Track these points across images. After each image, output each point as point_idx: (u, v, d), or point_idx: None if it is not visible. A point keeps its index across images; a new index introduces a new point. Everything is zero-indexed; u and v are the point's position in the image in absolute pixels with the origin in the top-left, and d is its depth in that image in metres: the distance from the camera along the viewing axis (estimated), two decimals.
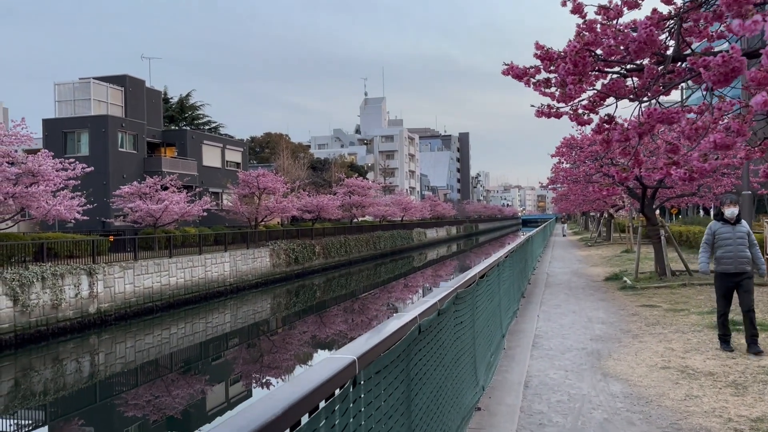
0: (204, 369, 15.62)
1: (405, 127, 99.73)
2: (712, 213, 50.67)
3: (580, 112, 3.25)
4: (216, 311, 23.40)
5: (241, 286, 27.52)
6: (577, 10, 3.46)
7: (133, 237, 22.82)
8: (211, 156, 39.11)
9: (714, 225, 7.13)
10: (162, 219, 26.30)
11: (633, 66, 3.33)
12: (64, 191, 20.02)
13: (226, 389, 13.68)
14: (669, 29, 3.49)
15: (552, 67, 3.33)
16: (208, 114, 60.28)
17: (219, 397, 12.99)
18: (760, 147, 3.35)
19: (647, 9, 3.57)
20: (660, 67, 3.15)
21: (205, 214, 28.62)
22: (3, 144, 18.04)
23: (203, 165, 37.81)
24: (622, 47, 3.17)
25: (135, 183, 27.14)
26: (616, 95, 3.51)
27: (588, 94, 3.41)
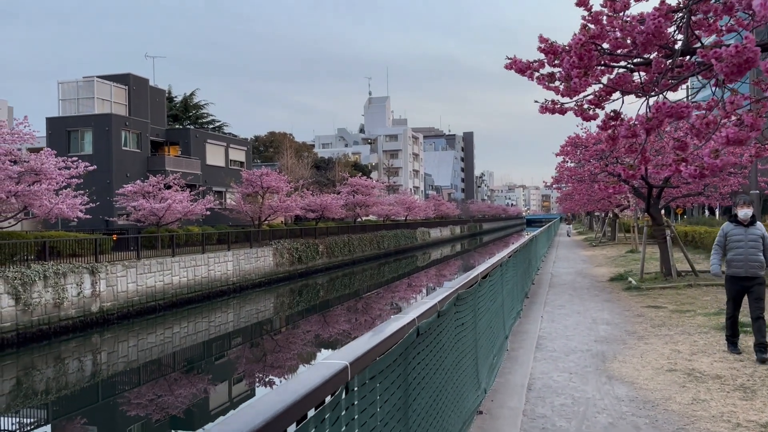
0: (206, 369, 15.56)
1: (409, 127, 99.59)
2: (717, 213, 50.30)
3: (585, 107, 3.14)
4: (219, 310, 23.35)
5: (244, 285, 27.46)
6: (583, 2, 3.35)
7: (136, 236, 22.79)
8: (215, 155, 39.08)
9: (726, 226, 6.87)
10: (165, 218, 26.26)
11: (640, 60, 3.22)
12: (66, 190, 19.99)
13: (226, 389, 13.61)
14: (677, 23, 3.38)
15: (556, 61, 3.22)
16: (212, 113, 60.35)
17: (220, 397, 12.92)
18: None
19: (655, 1, 3.45)
20: (668, 61, 3.03)
21: (209, 213, 28.56)
22: (5, 142, 18.01)
23: (207, 164, 37.78)
24: (628, 40, 3.06)
25: (138, 182, 27.11)
26: (622, 90, 3.40)
27: (594, 88, 3.30)
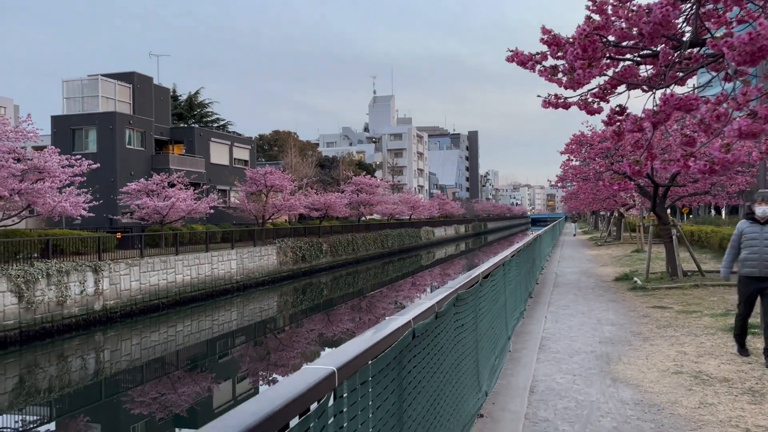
0: (208, 367, 15.51)
1: (414, 126, 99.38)
2: (724, 212, 49.94)
3: (589, 100, 3.02)
4: (222, 309, 23.31)
5: (248, 283, 27.41)
6: None
7: (140, 234, 22.76)
8: (219, 153, 39.05)
9: (742, 224, 6.54)
10: (169, 216, 26.26)
11: (647, 52, 3.10)
12: (70, 188, 19.98)
13: (226, 388, 13.56)
14: (686, 15, 3.26)
15: (559, 53, 3.10)
16: (216, 112, 60.43)
17: (220, 396, 12.87)
18: None
19: None
20: (676, 53, 2.91)
21: (212, 211, 28.53)
22: (9, 140, 18.00)
23: (211, 162, 37.75)
24: (635, 30, 2.93)
25: (142, 180, 27.11)
26: (628, 84, 3.28)
27: (598, 81, 3.18)
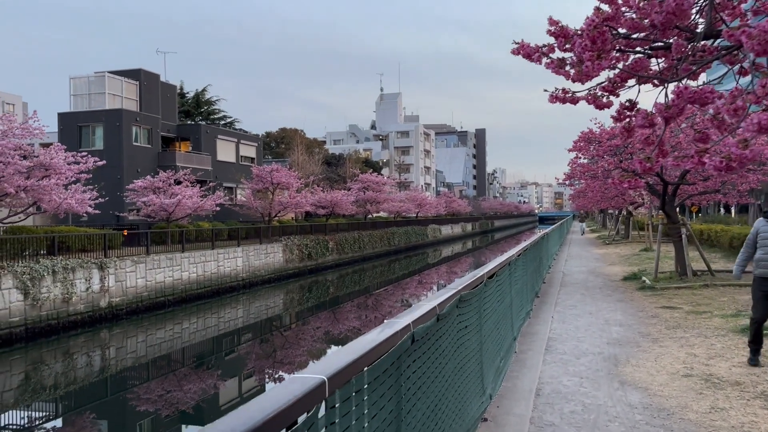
0: (214, 365, 15.48)
1: (421, 123, 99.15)
2: (733, 211, 49.47)
3: (598, 94, 2.89)
4: (228, 306, 23.29)
5: (254, 281, 27.38)
6: None
7: (146, 231, 22.76)
8: (226, 151, 39.05)
9: (758, 223, 6.35)
10: (175, 213, 26.26)
11: (659, 44, 2.96)
12: (76, 185, 19.99)
13: (233, 385, 13.51)
14: (699, 5, 3.12)
15: (567, 45, 2.98)
16: (223, 109, 60.57)
17: (228, 393, 12.84)
18: None
19: None
20: (690, 44, 2.78)
21: (219, 208, 28.52)
22: (15, 137, 18.02)
23: (217, 160, 37.76)
24: (646, 21, 2.80)
25: (148, 177, 27.12)
26: (638, 78, 3.15)
27: (608, 74, 3.05)
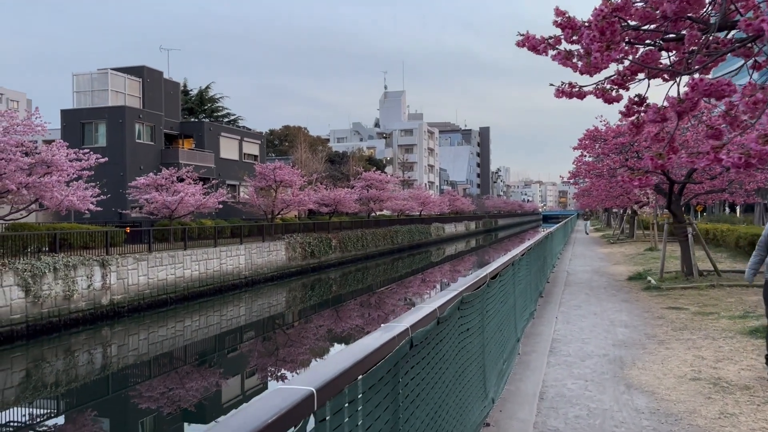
0: (216, 363, 15.41)
1: (425, 121, 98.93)
2: (738, 210, 49.09)
3: (607, 87, 2.76)
4: (230, 304, 23.23)
5: (256, 279, 27.31)
6: None
7: (148, 229, 22.70)
8: (229, 148, 38.97)
9: None
10: (178, 211, 26.19)
11: (671, 36, 2.83)
12: (78, 182, 19.92)
13: (235, 383, 13.44)
14: None
15: (574, 37, 2.84)
16: (227, 106, 60.43)
17: (230, 391, 12.78)
18: None
19: None
20: (704, 36, 2.64)
21: (221, 206, 28.44)
22: (17, 134, 17.95)
23: (220, 157, 37.68)
24: (657, 11, 2.67)
25: (151, 174, 27.04)
26: (648, 72, 3.02)
27: (616, 68, 2.92)
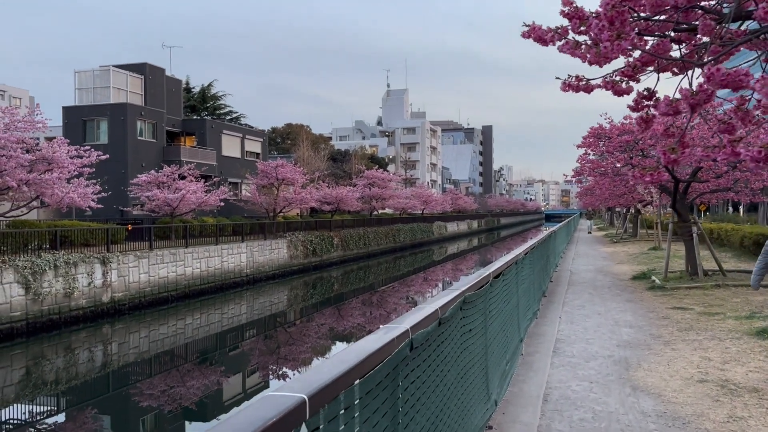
0: (216, 361, 15.33)
1: (427, 120, 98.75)
2: (741, 210, 48.78)
3: (617, 79, 2.65)
4: (231, 302, 23.16)
5: (258, 277, 27.23)
6: None
7: (149, 226, 22.63)
8: (231, 146, 38.88)
9: None
10: (179, 208, 26.10)
11: (684, 25, 2.72)
12: (79, 179, 19.84)
13: (234, 383, 13.36)
14: None
15: (582, 27, 2.73)
16: (229, 104, 60.36)
17: (228, 390, 12.71)
18: None
19: None
20: (718, 26, 2.53)
21: (223, 204, 28.35)
22: (18, 130, 17.88)
23: (222, 155, 37.59)
24: (669, 0, 2.56)
25: (153, 172, 26.96)
26: (658, 64, 2.91)
27: (625, 60, 2.81)
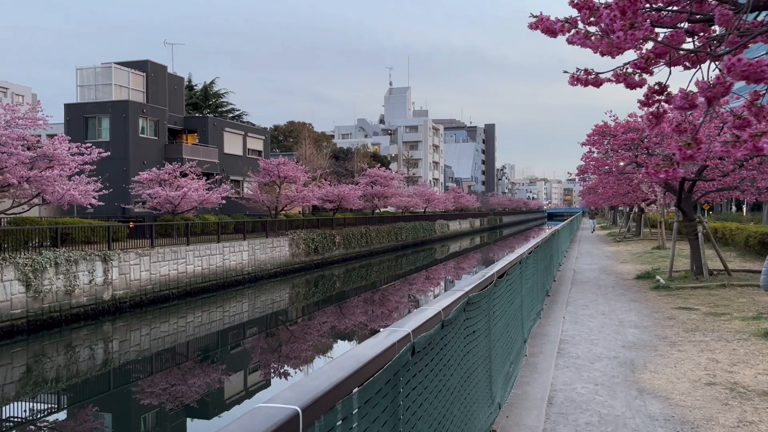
0: (217, 360, 15.25)
1: (430, 118, 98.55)
2: (745, 209, 48.55)
3: (629, 71, 2.53)
4: (233, 300, 23.10)
5: (260, 275, 27.16)
6: None
7: (150, 224, 22.55)
8: (233, 143, 38.79)
9: None
10: (181, 206, 26.02)
11: (699, 16, 2.60)
12: (80, 176, 19.77)
13: (236, 381, 13.29)
14: None
15: (592, 18, 2.62)
16: (232, 102, 60.33)
17: (230, 389, 12.63)
18: None
19: None
20: (736, 14, 2.41)
21: (225, 202, 28.27)
22: (18, 127, 17.81)
23: (224, 152, 37.51)
24: None
25: (154, 169, 26.89)
26: (670, 57, 2.79)
27: (635, 53, 2.69)
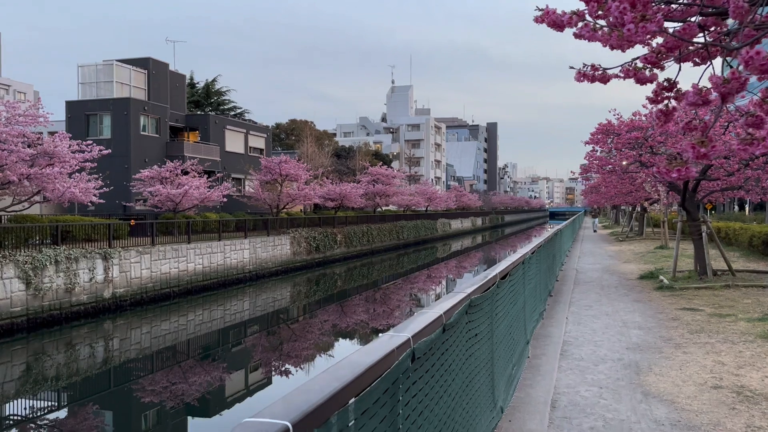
0: (217, 358, 15.20)
1: (432, 116, 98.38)
2: (747, 209, 48.33)
3: (639, 65, 2.44)
4: (234, 298, 23.04)
5: (261, 273, 27.10)
6: None
7: (152, 222, 22.49)
8: (234, 141, 38.72)
9: None
10: (182, 204, 25.96)
11: (711, 9, 2.50)
12: (81, 174, 19.70)
13: (239, 378, 13.23)
14: None
15: (600, 11, 2.52)
16: (233, 100, 60.30)
17: (233, 386, 12.58)
18: None
19: None
20: (752, 7, 2.31)
21: (226, 200, 28.20)
22: (18, 124, 17.73)
23: (226, 150, 37.44)
24: None
25: (155, 167, 26.82)
26: (681, 52, 2.69)
27: (642, 49, 2.59)
